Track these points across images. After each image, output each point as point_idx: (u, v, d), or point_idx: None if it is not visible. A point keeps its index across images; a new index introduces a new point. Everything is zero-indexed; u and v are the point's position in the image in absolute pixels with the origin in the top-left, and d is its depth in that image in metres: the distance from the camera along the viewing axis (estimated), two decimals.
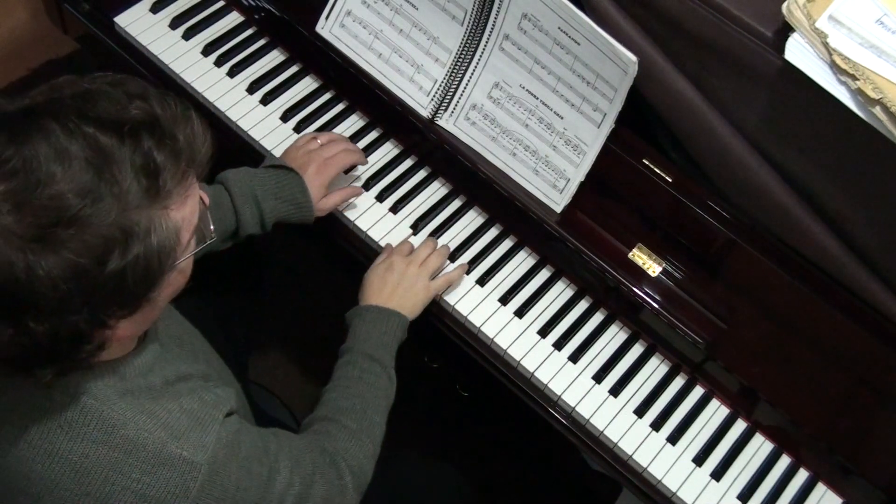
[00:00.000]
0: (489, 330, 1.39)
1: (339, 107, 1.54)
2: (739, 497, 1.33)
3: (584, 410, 1.35)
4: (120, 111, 0.83)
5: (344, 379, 1.24)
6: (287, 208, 1.34)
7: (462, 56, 1.42)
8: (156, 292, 0.87)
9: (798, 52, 1.12)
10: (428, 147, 1.49)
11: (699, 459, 1.34)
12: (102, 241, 0.80)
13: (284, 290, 2.17)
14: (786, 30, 1.14)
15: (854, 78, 1.07)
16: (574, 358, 1.39)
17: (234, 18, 1.60)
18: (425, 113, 1.46)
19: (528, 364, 1.37)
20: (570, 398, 1.36)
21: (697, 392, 1.40)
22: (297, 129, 1.51)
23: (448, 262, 1.43)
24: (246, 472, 0.99)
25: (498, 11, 1.35)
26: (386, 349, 1.27)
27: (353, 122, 1.54)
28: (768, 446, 1.37)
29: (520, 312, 1.40)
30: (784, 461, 1.37)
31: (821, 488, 1.35)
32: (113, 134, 0.81)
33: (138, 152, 0.81)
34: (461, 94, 1.43)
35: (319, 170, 1.37)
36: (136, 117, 0.83)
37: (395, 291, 1.32)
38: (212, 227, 0.96)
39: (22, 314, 0.80)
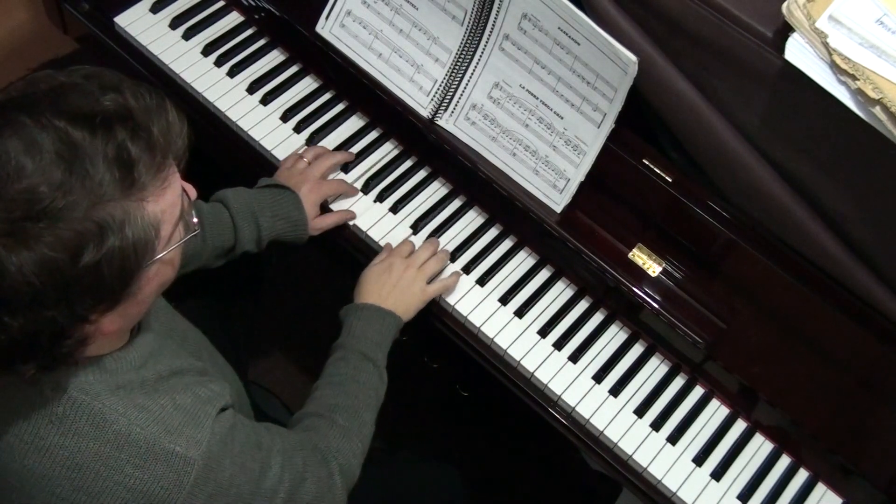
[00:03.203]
0: (489, 330, 1.39)
1: (339, 107, 1.54)
2: (739, 497, 1.33)
3: (584, 410, 1.35)
4: (92, 104, 0.82)
5: (337, 376, 1.24)
6: (283, 226, 1.35)
7: (462, 56, 1.42)
8: (135, 286, 0.86)
9: (798, 52, 1.12)
10: (428, 147, 1.49)
11: (699, 459, 1.34)
12: (75, 235, 0.79)
13: (284, 290, 2.17)
14: (786, 30, 1.14)
15: (854, 78, 1.07)
16: (574, 358, 1.39)
17: (234, 18, 1.60)
18: (425, 113, 1.46)
19: (528, 364, 1.37)
20: (570, 398, 1.36)
21: (697, 392, 1.40)
22: (297, 129, 1.51)
23: (449, 262, 1.43)
24: (239, 467, 0.99)
25: (498, 11, 1.35)
26: (379, 348, 1.27)
27: (353, 122, 1.54)
28: (768, 446, 1.37)
29: (520, 312, 1.40)
30: (784, 461, 1.37)
31: (821, 488, 1.35)
32: (85, 126, 0.80)
33: (111, 144, 0.81)
34: (461, 94, 1.43)
35: (313, 188, 1.39)
36: (108, 109, 0.82)
37: (391, 292, 1.32)
38: (195, 220, 0.95)
39: None
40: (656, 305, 1.36)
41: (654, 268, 1.37)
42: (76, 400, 0.91)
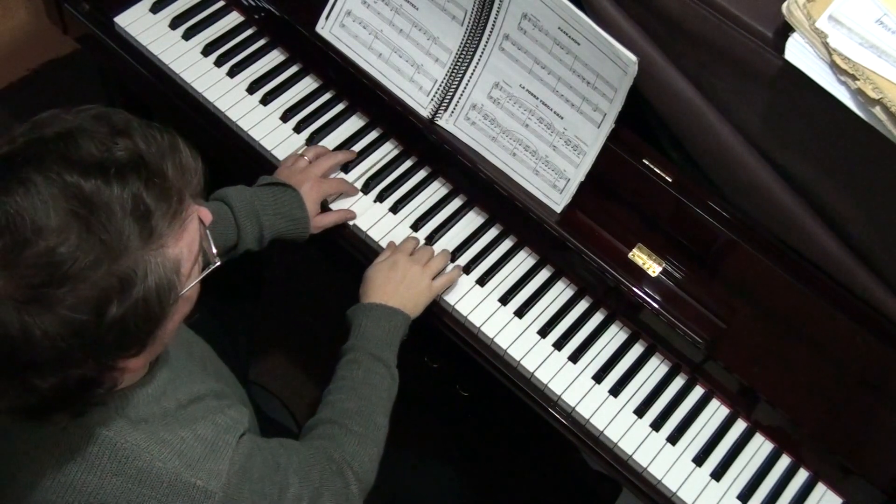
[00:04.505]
0: (489, 330, 1.39)
1: (339, 107, 1.54)
2: (739, 497, 1.33)
3: (584, 410, 1.35)
4: (104, 152, 0.80)
5: (348, 380, 1.23)
6: (285, 224, 1.35)
7: (462, 56, 1.42)
8: (160, 330, 0.86)
9: (798, 52, 1.12)
10: (428, 147, 1.49)
11: (699, 459, 1.34)
12: (99, 293, 0.78)
13: (285, 291, 2.17)
14: (786, 30, 1.14)
15: (854, 78, 1.07)
16: (574, 358, 1.39)
17: (234, 18, 1.60)
18: (425, 113, 1.46)
19: (528, 364, 1.37)
20: (570, 398, 1.36)
21: (697, 392, 1.40)
22: (297, 129, 1.51)
23: (449, 263, 1.43)
24: (259, 494, 0.99)
25: (498, 11, 1.35)
26: (389, 348, 1.27)
27: (353, 122, 1.54)
28: (768, 446, 1.37)
29: (520, 312, 1.40)
30: (784, 461, 1.37)
31: (821, 488, 1.35)
32: (99, 179, 0.78)
33: (126, 196, 0.79)
34: (461, 94, 1.43)
35: (314, 186, 1.39)
36: (120, 159, 0.80)
37: (397, 290, 1.32)
38: (214, 250, 0.93)
39: (23, 373, 0.79)
40: (656, 305, 1.36)
41: (654, 268, 1.37)
42: (99, 436, 0.91)
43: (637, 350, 1.42)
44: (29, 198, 0.76)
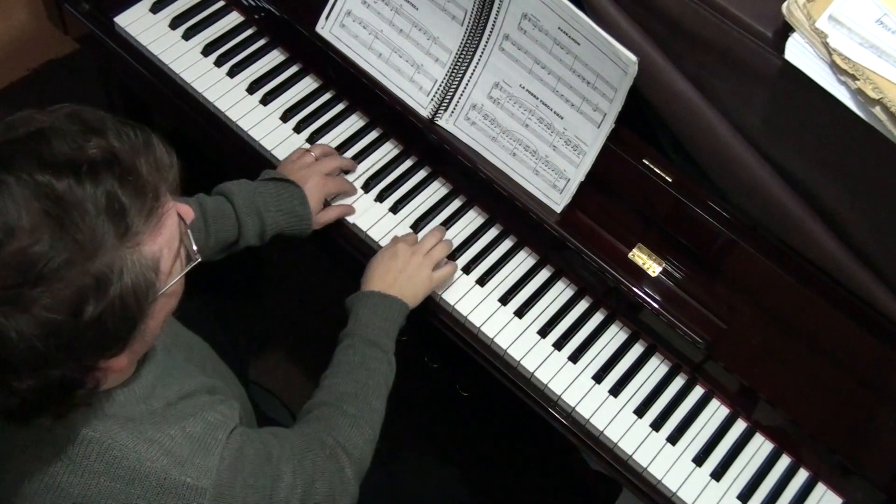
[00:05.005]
0: (489, 330, 1.39)
1: (339, 107, 1.54)
2: (739, 497, 1.33)
3: (584, 410, 1.35)
4: (76, 151, 0.79)
5: (345, 364, 1.23)
6: (287, 220, 1.35)
7: (462, 56, 1.42)
8: (140, 328, 0.85)
9: (798, 52, 1.12)
10: (428, 147, 1.49)
11: (699, 459, 1.34)
12: (74, 292, 0.77)
13: (284, 290, 2.17)
14: (786, 30, 1.14)
15: (854, 78, 1.07)
16: (574, 358, 1.39)
17: (234, 18, 1.60)
18: (425, 113, 1.46)
19: (528, 364, 1.37)
20: (570, 398, 1.36)
21: (697, 392, 1.40)
22: (297, 129, 1.51)
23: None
24: (251, 488, 0.99)
25: (498, 11, 1.35)
26: (387, 335, 1.27)
27: (353, 122, 1.54)
28: (768, 446, 1.37)
29: (520, 312, 1.40)
30: (784, 461, 1.37)
31: (821, 488, 1.35)
32: (71, 177, 0.78)
33: (100, 194, 0.78)
34: (461, 94, 1.43)
35: (318, 184, 1.38)
36: (93, 157, 0.79)
37: (397, 279, 1.32)
38: (194, 247, 0.92)
39: (1, 375, 0.78)
40: (656, 305, 1.36)
41: (654, 268, 1.37)
42: (86, 437, 0.90)
43: (637, 350, 1.42)
44: (0, 199, 0.76)
